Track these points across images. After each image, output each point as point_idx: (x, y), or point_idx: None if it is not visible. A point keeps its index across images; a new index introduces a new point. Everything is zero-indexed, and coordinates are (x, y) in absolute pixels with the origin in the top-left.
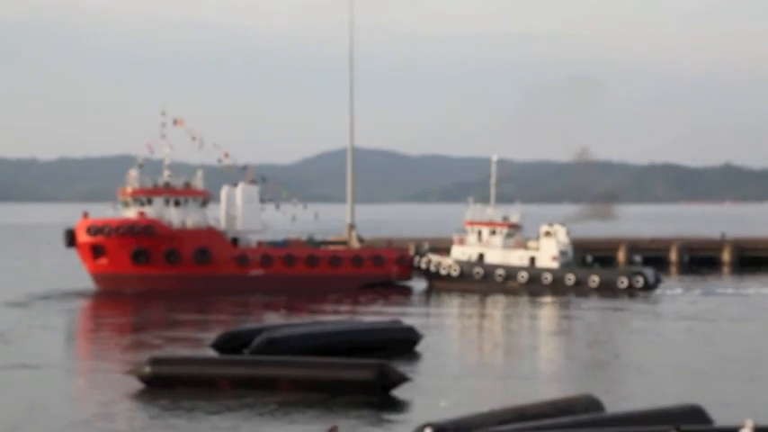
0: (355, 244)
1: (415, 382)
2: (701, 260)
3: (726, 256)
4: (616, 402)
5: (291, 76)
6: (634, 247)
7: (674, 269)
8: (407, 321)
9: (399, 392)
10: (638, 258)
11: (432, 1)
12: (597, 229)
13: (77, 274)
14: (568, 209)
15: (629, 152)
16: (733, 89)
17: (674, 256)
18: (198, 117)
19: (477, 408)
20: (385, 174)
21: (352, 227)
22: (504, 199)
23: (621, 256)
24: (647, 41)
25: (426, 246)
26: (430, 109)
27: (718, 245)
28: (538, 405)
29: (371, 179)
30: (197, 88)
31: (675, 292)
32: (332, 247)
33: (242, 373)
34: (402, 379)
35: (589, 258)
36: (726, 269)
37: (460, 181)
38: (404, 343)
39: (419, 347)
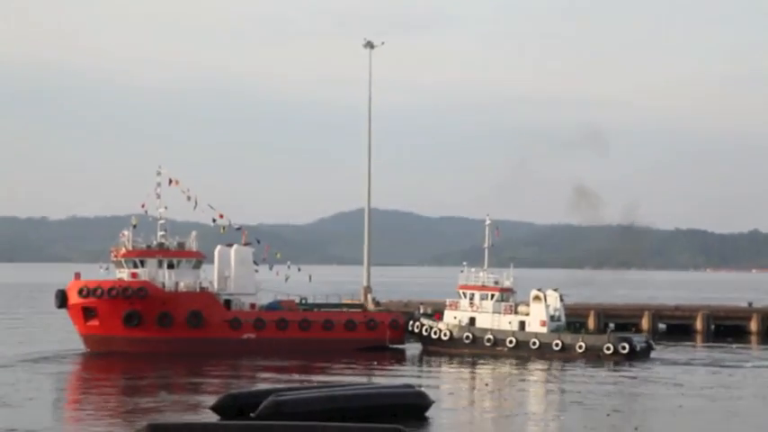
0: (371, 306)
1: None
2: (727, 329)
3: (753, 325)
4: None
5: (307, 136)
6: (659, 314)
7: (699, 337)
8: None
9: None
10: (661, 326)
11: (452, 64)
12: (623, 296)
13: (70, 335)
14: (593, 274)
15: (652, 217)
16: (762, 156)
17: (699, 324)
18: (212, 177)
19: None
20: (404, 235)
21: (367, 289)
22: (524, 263)
23: (645, 323)
24: (672, 104)
25: (420, 310)
26: (449, 171)
27: (745, 313)
28: None
29: (390, 241)
30: (212, 147)
31: (687, 359)
32: (325, 310)
33: None
34: None
35: (611, 326)
36: (753, 338)
37: (479, 243)
38: (415, 408)
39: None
